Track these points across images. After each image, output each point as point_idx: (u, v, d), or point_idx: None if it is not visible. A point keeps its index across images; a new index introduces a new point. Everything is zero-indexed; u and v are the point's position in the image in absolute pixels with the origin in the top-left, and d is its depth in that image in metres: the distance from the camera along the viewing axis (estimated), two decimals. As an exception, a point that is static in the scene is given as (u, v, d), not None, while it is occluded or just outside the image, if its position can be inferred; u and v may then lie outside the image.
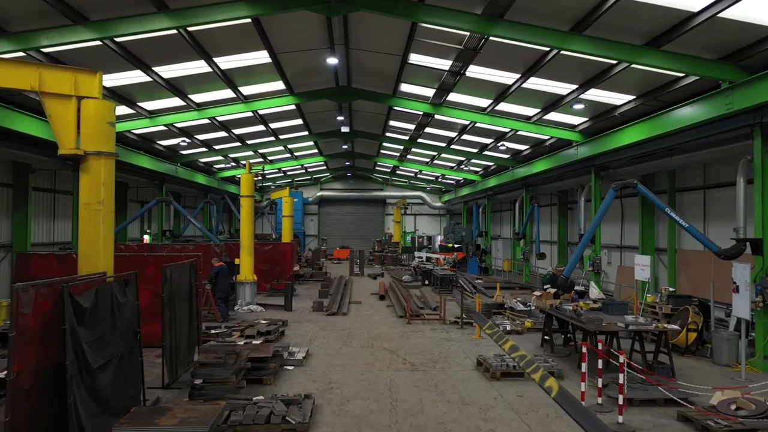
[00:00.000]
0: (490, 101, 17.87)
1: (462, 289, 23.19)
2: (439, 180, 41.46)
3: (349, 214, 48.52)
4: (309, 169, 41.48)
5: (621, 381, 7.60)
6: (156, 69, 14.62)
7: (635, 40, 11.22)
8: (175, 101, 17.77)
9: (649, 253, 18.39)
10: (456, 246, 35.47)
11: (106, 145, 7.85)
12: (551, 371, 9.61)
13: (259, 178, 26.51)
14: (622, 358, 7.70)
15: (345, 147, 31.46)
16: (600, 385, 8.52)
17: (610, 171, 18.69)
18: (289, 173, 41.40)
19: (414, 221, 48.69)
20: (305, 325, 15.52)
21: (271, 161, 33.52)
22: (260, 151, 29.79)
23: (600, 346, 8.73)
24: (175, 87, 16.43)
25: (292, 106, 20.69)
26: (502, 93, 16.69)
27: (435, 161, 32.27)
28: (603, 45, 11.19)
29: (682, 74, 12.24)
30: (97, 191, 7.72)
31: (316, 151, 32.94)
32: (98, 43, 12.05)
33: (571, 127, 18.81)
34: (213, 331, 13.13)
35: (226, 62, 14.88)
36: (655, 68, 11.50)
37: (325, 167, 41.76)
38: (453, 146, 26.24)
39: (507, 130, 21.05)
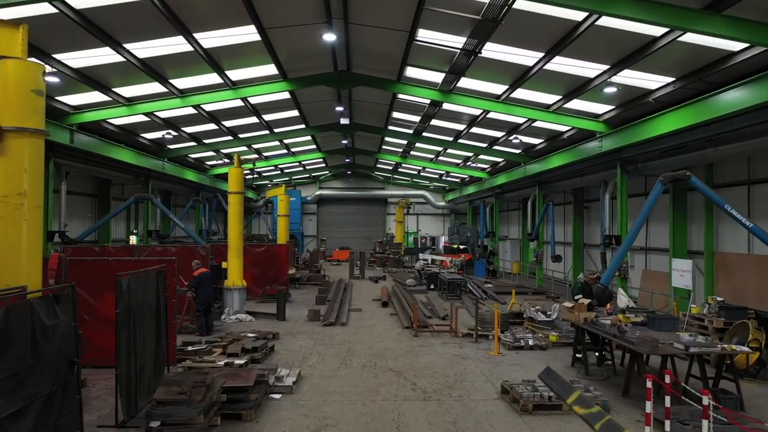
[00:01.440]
0: (505, 87, 16.05)
1: (471, 294, 21.44)
2: (443, 178, 39.64)
3: (349, 213, 46.70)
4: (307, 167, 39.66)
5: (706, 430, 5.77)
6: (128, 46, 12.79)
7: (690, 3, 9.40)
8: (155, 87, 15.96)
9: (681, 255, 16.58)
10: (461, 247, 33.68)
11: (30, 119, 6.03)
12: (595, 402, 7.80)
13: (248, 173, 24.53)
14: (706, 399, 5.85)
15: (345, 142, 29.64)
16: (668, 430, 6.68)
17: (638, 165, 16.87)
18: (286, 171, 39.59)
19: (416, 221, 46.87)
20: (299, 338, 13.69)
21: (267, 157, 31.70)
22: (254, 146, 27.95)
23: (668, 378, 6.88)
24: (152, 69, 14.61)
25: (286, 95, 18.89)
26: (520, 77, 14.86)
27: (440, 157, 30.44)
28: (652, 9, 9.36)
29: (743, 46, 10.41)
30: (17, 180, 5.92)
31: (314, 146, 31.13)
32: (52, 9, 10.23)
33: (595, 117, 16.99)
34: (191, 348, 11.31)
35: (208, 39, 13.05)
36: (713, 36, 9.66)
37: (324, 165, 39.96)
38: (460, 140, 24.40)
39: (522, 120, 19.22)
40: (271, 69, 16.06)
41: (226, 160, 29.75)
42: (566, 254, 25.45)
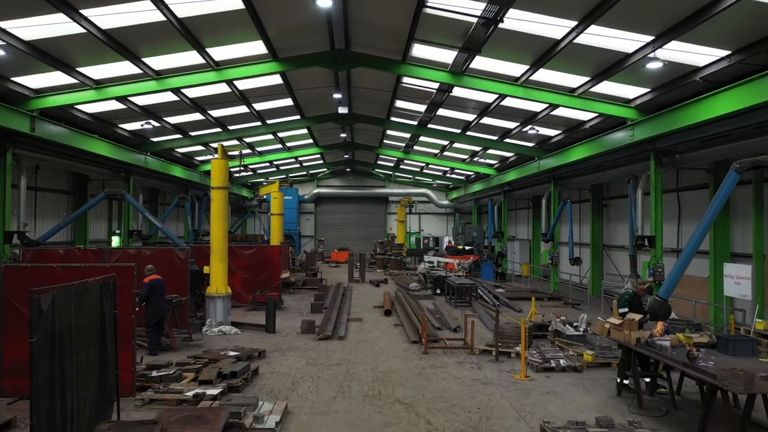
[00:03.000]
0: (525, 67, 14.10)
1: (482, 301, 19.51)
2: (447, 175, 37.69)
3: (349, 213, 44.74)
4: (304, 164, 37.69)
5: None
6: (86, 12, 10.81)
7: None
8: (127, 67, 13.99)
9: (724, 258, 14.66)
10: (467, 248, 31.71)
11: None
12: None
13: (237, 169, 22.50)
14: None
15: (343, 136, 27.67)
16: None
17: (675, 156, 14.89)
18: (282, 168, 37.61)
19: (419, 221, 44.93)
20: (289, 356, 11.72)
21: (260, 153, 29.73)
22: (246, 139, 26.03)
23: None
24: (121, 45, 12.65)
25: (278, 79, 16.93)
26: (544, 54, 12.92)
27: (445, 152, 28.47)
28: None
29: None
30: None
31: (310, 141, 29.15)
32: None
33: (626, 102, 15.04)
34: (157, 373, 9.34)
35: (181, 4, 11.07)
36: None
37: (321, 161, 38.01)
38: (469, 133, 22.45)
39: (540, 108, 17.28)
40: (258, 47, 14.10)
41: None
42: (584, 256, 23.45)
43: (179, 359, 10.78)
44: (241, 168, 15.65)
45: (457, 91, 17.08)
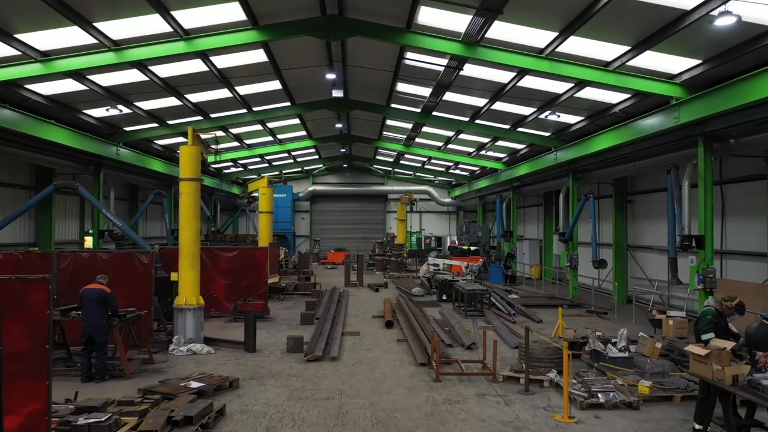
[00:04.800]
0: (553, 35, 11.86)
1: (496, 309, 17.25)
2: (450, 171, 35.40)
3: (346, 211, 42.44)
4: (298, 159, 35.40)
5: None
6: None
7: None
8: (77, 34, 11.69)
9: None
10: (472, 248, 29.45)
11: None
12: None
13: (217, 163, 20.16)
14: None
15: (339, 126, 25.36)
16: None
17: (730, 141, 12.61)
18: (274, 163, 35.32)
19: (420, 219, 42.66)
20: (268, 385, 9.43)
21: (250, 146, 27.43)
22: (233, 130, 23.78)
23: None
24: (67, 6, 10.37)
25: (261, 54, 14.66)
26: (579, 16, 10.67)
27: (449, 145, 26.19)
28: None
29: None
30: None
31: (303, 133, 26.82)
32: None
33: (669, 78, 12.77)
34: (83, 420, 7.02)
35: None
36: None
37: (317, 156, 35.73)
38: (478, 121, 20.17)
39: (564, 89, 15.04)
40: (234, 11, 11.83)
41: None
42: (605, 258, 21.10)
43: (126, 393, 8.49)
44: (217, 155, 13.26)
45: (468, 70, 14.83)
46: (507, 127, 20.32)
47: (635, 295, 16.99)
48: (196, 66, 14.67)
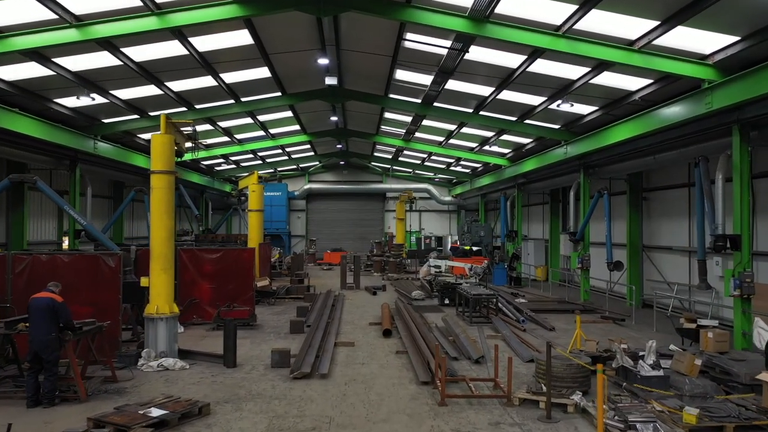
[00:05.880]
0: (572, 8, 10.50)
1: (503, 315, 15.88)
2: (451, 168, 34.04)
3: (343, 210, 41.05)
4: (293, 155, 34.04)
5: None
6: None
7: None
8: (34, 8, 10.31)
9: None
10: (474, 249, 28.07)
11: None
12: None
13: (192, 159, 18.77)
14: None
15: (334, 119, 23.96)
16: None
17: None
18: (268, 160, 33.94)
19: (419, 219, 41.28)
20: (245, 411, 8.04)
21: (240, 141, 26.03)
22: (222, 124, 22.40)
23: None
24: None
25: (246, 35, 13.28)
26: (604, -17, 9.31)
27: (451, 139, 24.81)
28: None
29: None
30: None
31: (297, 127, 25.43)
32: None
33: (701, 59, 11.40)
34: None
35: None
36: None
37: (312, 152, 34.33)
38: (483, 112, 18.80)
39: (579, 74, 13.69)
40: (212, -20, 10.45)
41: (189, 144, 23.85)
42: (618, 259, 19.75)
43: (72, 423, 7.11)
44: (195, 151, 11.89)
45: (474, 53, 13.47)
46: (514, 119, 18.96)
47: (654, 300, 15.62)
48: (174, 48, 13.29)
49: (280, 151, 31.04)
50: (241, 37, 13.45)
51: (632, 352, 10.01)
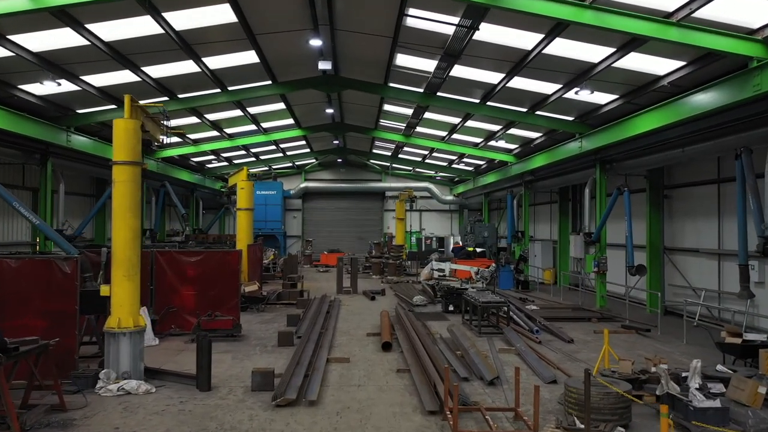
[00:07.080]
0: (603, -27, 9.00)
1: (514, 324, 14.39)
2: (453, 165, 32.53)
3: (340, 210, 39.53)
4: (288, 152, 32.50)
5: None
6: None
7: None
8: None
9: None
10: (477, 250, 26.55)
11: None
12: None
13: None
14: None
15: (330, 112, 22.45)
16: None
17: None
18: (262, 157, 32.40)
19: (420, 219, 39.78)
20: (212, 453, 6.54)
21: (230, 135, 24.52)
22: (209, 116, 20.89)
23: None
24: None
25: (227, 10, 11.74)
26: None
27: (455, 134, 23.31)
28: None
29: None
30: None
31: (291, 121, 23.90)
32: None
33: (748, 33, 9.90)
34: None
35: None
36: None
37: (308, 149, 32.83)
38: (490, 103, 17.30)
39: (603, 56, 12.19)
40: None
41: (175, 138, 22.36)
42: (638, 261, 18.24)
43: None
44: (166, 131, 10.43)
45: (484, 32, 11.97)
46: (524, 110, 17.46)
47: (680, 308, 14.14)
48: (148, 26, 11.79)
49: (274, 147, 29.51)
50: (224, 14, 11.94)
51: (674, 373, 8.53)
